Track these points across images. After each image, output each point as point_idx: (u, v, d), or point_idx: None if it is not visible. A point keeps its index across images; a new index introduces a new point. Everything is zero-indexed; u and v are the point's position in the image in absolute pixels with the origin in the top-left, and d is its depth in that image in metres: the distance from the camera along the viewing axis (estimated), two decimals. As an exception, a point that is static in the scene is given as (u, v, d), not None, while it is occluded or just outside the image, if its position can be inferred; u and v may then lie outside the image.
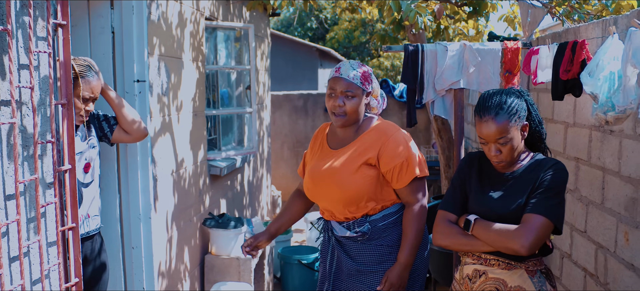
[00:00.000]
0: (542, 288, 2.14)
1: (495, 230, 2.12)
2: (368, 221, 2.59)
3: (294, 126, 9.65)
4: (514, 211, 2.13)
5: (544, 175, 2.12)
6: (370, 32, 26.41)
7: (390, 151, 2.52)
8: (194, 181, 4.30)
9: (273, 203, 7.57)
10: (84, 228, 2.74)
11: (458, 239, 2.24)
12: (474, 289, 2.23)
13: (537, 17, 4.53)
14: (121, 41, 3.34)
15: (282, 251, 5.41)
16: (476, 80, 3.53)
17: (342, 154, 2.61)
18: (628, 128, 2.76)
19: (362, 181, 2.53)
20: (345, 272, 2.65)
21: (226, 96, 5.63)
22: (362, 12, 8.26)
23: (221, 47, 5.47)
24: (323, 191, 2.65)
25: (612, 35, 2.33)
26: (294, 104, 9.62)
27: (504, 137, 2.12)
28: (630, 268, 2.72)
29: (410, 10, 3.77)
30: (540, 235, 2.04)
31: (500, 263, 2.17)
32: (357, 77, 2.55)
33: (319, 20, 26.40)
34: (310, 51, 18.93)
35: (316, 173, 2.67)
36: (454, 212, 2.30)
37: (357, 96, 2.55)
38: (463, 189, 2.33)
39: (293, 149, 9.66)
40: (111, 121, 2.95)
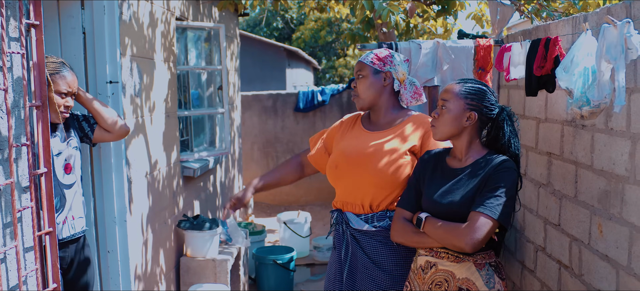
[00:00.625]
0: (490, 280, 2.20)
1: (442, 228, 2.20)
2: (388, 217, 2.53)
3: (263, 126, 9.62)
4: (459, 204, 2.20)
5: (492, 172, 2.19)
6: (336, 32, 26.50)
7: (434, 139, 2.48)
8: (167, 183, 4.25)
9: (245, 203, 7.53)
10: (69, 230, 2.70)
11: (411, 236, 2.32)
12: (426, 279, 2.31)
13: (506, 15, 4.61)
14: (93, 42, 3.28)
15: (256, 252, 5.39)
16: (450, 77, 3.57)
17: (384, 136, 2.56)
18: (600, 122, 2.82)
19: (401, 166, 2.49)
20: (360, 269, 2.56)
21: (196, 97, 5.58)
22: (331, 11, 8.27)
23: (191, 47, 5.42)
24: (355, 173, 2.55)
25: (585, 32, 2.39)
26: (264, 104, 9.59)
27: (444, 102, 2.25)
28: (604, 258, 2.78)
29: (383, 8, 3.79)
30: (484, 233, 2.11)
31: (449, 255, 2.25)
32: (368, 56, 2.57)
33: (285, 20, 26.36)
34: (278, 51, 18.90)
35: (353, 151, 2.59)
36: (409, 209, 2.38)
37: (365, 75, 2.55)
38: (417, 187, 2.40)
39: (263, 150, 9.63)
40: (91, 120, 2.92)
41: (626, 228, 2.60)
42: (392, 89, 2.60)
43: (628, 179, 2.59)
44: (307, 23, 25.85)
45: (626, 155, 2.61)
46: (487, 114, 2.26)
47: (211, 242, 4.31)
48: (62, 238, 2.65)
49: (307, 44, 25.99)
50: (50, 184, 2.18)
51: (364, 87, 2.55)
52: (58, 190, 2.64)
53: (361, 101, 2.58)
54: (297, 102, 9.52)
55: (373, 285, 2.54)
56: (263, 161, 9.65)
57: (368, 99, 2.57)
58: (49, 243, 2.19)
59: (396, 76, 2.60)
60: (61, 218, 2.66)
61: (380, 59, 2.57)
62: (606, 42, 2.20)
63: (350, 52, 25.17)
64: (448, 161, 2.38)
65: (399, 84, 2.60)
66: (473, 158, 2.30)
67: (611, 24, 2.16)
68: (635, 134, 2.53)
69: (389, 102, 2.60)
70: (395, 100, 2.62)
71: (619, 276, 2.67)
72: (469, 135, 2.28)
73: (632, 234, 2.56)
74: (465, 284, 2.21)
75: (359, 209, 2.58)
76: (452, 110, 2.24)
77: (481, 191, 2.18)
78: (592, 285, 2.92)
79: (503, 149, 2.29)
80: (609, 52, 2.17)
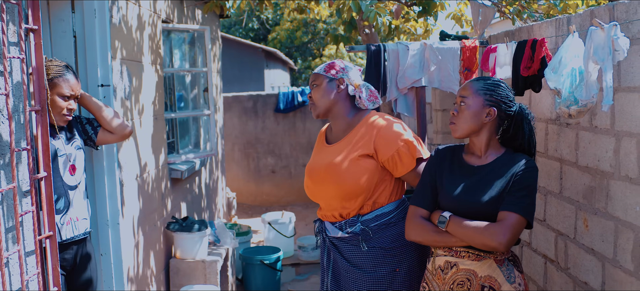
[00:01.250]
0: (511, 275, 2.22)
1: (471, 228, 2.17)
2: (360, 221, 2.58)
3: (244, 127, 9.63)
4: (485, 204, 2.20)
5: (517, 173, 2.19)
6: (312, 32, 26.57)
7: (386, 137, 2.52)
8: (156, 185, 4.25)
9: (228, 205, 7.54)
10: (72, 231, 2.72)
11: (431, 235, 2.29)
12: (446, 280, 2.29)
13: (488, 16, 4.71)
14: (84, 45, 3.28)
15: (243, 253, 5.42)
16: (437, 78, 3.65)
17: (338, 148, 2.62)
18: (584, 121, 2.93)
19: (359, 174, 2.52)
20: (343, 272, 2.64)
21: (180, 99, 5.58)
22: (311, 12, 8.32)
23: (175, 49, 5.43)
24: (321, 188, 2.64)
25: (572, 34, 2.48)
26: (244, 105, 9.60)
27: (463, 98, 2.26)
28: (590, 252, 2.89)
29: (370, 11, 3.86)
30: (516, 232, 2.12)
31: (470, 254, 2.23)
32: (322, 67, 2.66)
33: (261, 21, 26.32)
34: (256, 51, 18.87)
35: (313, 168, 2.69)
36: (426, 207, 2.35)
37: (319, 84, 2.62)
38: (433, 184, 2.37)
39: (243, 151, 9.65)
40: (94, 123, 2.97)
41: (612, 222, 2.70)
42: (347, 94, 2.66)
43: (613, 175, 2.69)
44: (282, 23, 25.86)
45: (611, 152, 2.71)
46: (506, 110, 2.26)
47: (200, 243, 4.32)
48: (66, 239, 2.68)
49: (283, 44, 26.00)
50: (50, 188, 2.19)
51: (319, 95, 2.63)
52: (62, 191, 2.67)
53: (317, 109, 2.65)
54: (278, 103, 9.55)
55: (355, 286, 2.61)
56: (244, 162, 9.67)
57: (323, 106, 2.64)
58: (49, 246, 2.21)
59: (349, 82, 2.66)
60: (65, 219, 2.68)
61: (333, 67, 2.66)
62: (593, 44, 2.30)
63: (326, 52, 25.25)
64: (465, 157, 2.37)
65: (354, 88, 2.66)
66: (493, 156, 2.30)
67: (598, 27, 2.25)
68: (619, 131, 2.64)
69: (345, 108, 2.66)
70: (350, 104, 2.68)
71: (604, 269, 2.77)
72: (489, 132, 2.28)
73: (617, 228, 2.67)
74: (488, 281, 2.20)
75: (332, 218, 2.67)
76: (472, 106, 2.24)
77: (509, 190, 2.18)
78: (578, 277, 3.02)
79: (519, 147, 2.30)
80: (596, 53, 2.27)
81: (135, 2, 3.93)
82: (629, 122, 2.56)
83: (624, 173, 2.60)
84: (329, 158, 2.62)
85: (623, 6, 2.56)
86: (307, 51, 27.61)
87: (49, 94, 2.61)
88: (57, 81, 2.67)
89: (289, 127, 9.56)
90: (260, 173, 9.67)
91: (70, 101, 2.73)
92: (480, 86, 2.26)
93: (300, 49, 27.50)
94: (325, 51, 25.47)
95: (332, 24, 25.81)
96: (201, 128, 5.87)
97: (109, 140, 3.02)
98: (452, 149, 2.43)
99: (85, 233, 2.82)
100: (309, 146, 9.48)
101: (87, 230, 2.84)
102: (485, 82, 2.28)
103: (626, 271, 2.58)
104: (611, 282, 2.71)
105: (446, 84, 3.65)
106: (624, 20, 2.52)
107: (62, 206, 2.67)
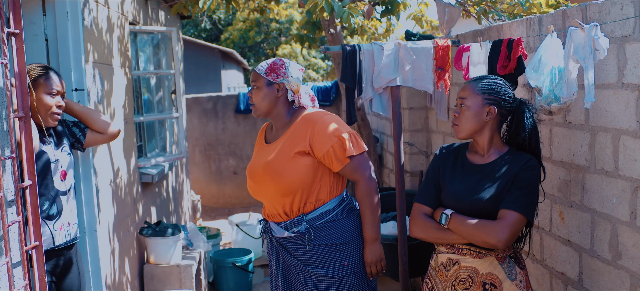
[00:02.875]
0: (512, 271, 2.28)
1: (472, 225, 2.22)
2: (305, 221, 2.61)
3: (204, 129, 9.53)
4: (486, 202, 2.25)
5: (519, 171, 2.25)
6: (265, 32, 26.47)
7: (320, 134, 2.57)
8: (129, 190, 4.18)
9: (193, 207, 7.46)
10: (64, 236, 2.69)
11: (433, 232, 2.34)
12: (448, 277, 2.33)
13: (453, 15, 4.82)
14: (56, 48, 3.20)
15: (214, 255, 5.37)
16: (411, 77, 3.71)
17: (275, 146, 2.66)
18: (558, 117, 3.04)
19: (296, 170, 2.57)
20: (292, 270, 2.68)
21: (146, 102, 5.49)
22: (271, 13, 8.32)
23: (140, 52, 5.33)
24: (261, 187, 2.68)
25: (551, 34, 2.57)
26: (204, 107, 9.50)
27: (463, 99, 2.31)
28: (567, 243, 3.00)
29: (343, 11, 3.89)
30: (515, 230, 2.18)
31: (472, 252, 2.28)
32: (263, 67, 2.66)
33: (213, 21, 26.07)
34: (212, 52, 18.65)
35: (252, 169, 2.72)
36: (429, 205, 2.40)
37: (259, 86, 2.64)
38: (437, 182, 2.42)
39: (204, 153, 9.55)
40: (82, 125, 2.94)
41: (588, 214, 2.82)
42: (286, 99, 2.70)
43: (588, 169, 2.80)
44: (235, 24, 25.69)
45: (586, 146, 2.82)
46: (506, 106, 2.32)
47: (174, 248, 4.27)
48: (58, 245, 2.65)
49: (236, 44, 25.82)
50: (35, 197, 2.14)
51: (258, 98, 2.66)
52: (55, 197, 2.64)
53: (256, 110, 2.70)
54: (238, 104, 9.49)
55: (306, 283, 2.66)
56: (205, 164, 9.57)
57: (262, 109, 2.68)
58: (35, 256, 2.16)
59: (289, 87, 2.69)
60: (58, 225, 2.65)
61: (274, 70, 2.66)
62: (573, 44, 2.39)
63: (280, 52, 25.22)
64: (469, 156, 2.41)
65: (293, 94, 2.70)
66: (496, 154, 2.35)
67: (578, 27, 2.35)
68: (594, 127, 2.75)
69: (284, 110, 2.71)
70: (289, 106, 2.72)
71: (582, 259, 2.89)
72: (491, 130, 2.33)
73: (593, 220, 2.78)
74: (489, 278, 2.25)
75: (278, 218, 2.70)
76: (472, 107, 2.29)
77: (509, 189, 2.23)
78: (554, 268, 3.13)
79: (523, 143, 2.34)
80: (577, 52, 2.36)
81: (104, 3, 3.85)
82: (603, 118, 2.67)
83: (600, 167, 2.71)
84: (266, 156, 2.67)
85: (596, 7, 2.67)
86: (260, 51, 27.48)
87: (35, 96, 2.56)
88: (41, 80, 2.63)
89: (250, 128, 9.51)
90: (221, 174, 9.60)
91: (57, 97, 2.68)
92: (478, 86, 2.32)
93: (253, 49, 27.36)
94: (278, 51, 25.43)
95: (285, 24, 25.80)
96: (167, 131, 5.79)
97: (98, 141, 3.01)
98: (456, 148, 2.49)
99: (76, 238, 2.79)
100: (270, 147, 9.47)
101: (77, 235, 2.82)
102: (483, 81, 2.33)
103: (604, 261, 2.70)
104: (589, 271, 2.83)
105: (420, 83, 3.71)
106: (597, 21, 2.63)
107: (56, 212, 2.65)
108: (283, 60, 2.71)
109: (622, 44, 2.51)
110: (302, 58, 24.96)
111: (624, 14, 2.49)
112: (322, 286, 2.64)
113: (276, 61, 2.68)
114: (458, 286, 2.30)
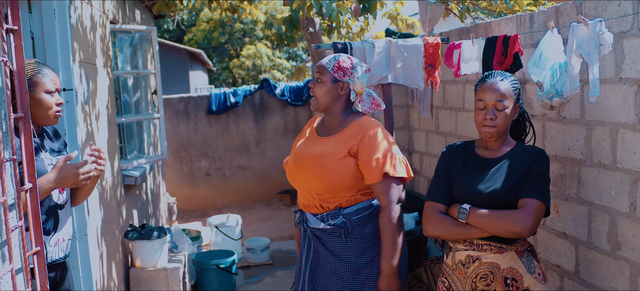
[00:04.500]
0: (531, 265, 2.31)
1: (494, 216, 2.21)
2: (342, 214, 2.62)
3: (175, 130, 9.38)
4: (503, 193, 2.26)
5: (533, 162, 2.28)
6: (229, 33, 26.27)
7: (369, 143, 2.56)
8: (113, 193, 4.08)
9: (169, 210, 7.34)
10: (59, 252, 2.49)
11: (451, 229, 2.32)
12: (468, 274, 2.33)
13: (436, 13, 4.85)
14: (43, 47, 3.10)
15: (196, 258, 5.29)
16: (402, 74, 3.72)
17: (329, 142, 2.65)
18: (551, 112, 3.09)
19: (343, 171, 2.58)
20: (322, 263, 2.67)
21: (124, 103, 5.38)
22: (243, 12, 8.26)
23: (119, 52, 5.22)
24: (304, 176, 2.67)
25: (551, 30, 2.60)
26: (175, 108, 9.35)
27: (502, 102, 2.28)
28: (562, 236, 3.05)
29: (332, 9, 3.88)
30: (538, 217, 2.20)
31: (492, 247, 2.28)
32: (331, 63, 2.63)
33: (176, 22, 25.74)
34: (180, 53, 18.39)
35: (300, 155, 2.70)
36: (443, 202, 2.39)
37: (324, 81, 2.62)
38: (448, 179, 2.42)
39: (176, 154, 9.40)
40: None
41: (585, 206, 2.87)
42: (346, 99, 2.70)
43: (585, 163, 2.86)
44: (199, 24, 25.42)
45: (581, 140, 2.87)
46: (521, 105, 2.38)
47: (161, 251, 4.19)
48: (53, 260, 2.45)
49: (200, 45, 25.55)
50: (36, 201, 2.06)
51: (321, 92, 2.65)
52: (52, 211, 2.44)
53: (316, 104, 2.68)
54: (210, 105, 9.38)
55: (334, 277, 2.65)
56: (177, 166, 9.42)
57: (323, 103, 2.67)
58: (37, 263, 2.08)
59: (353, 88, 2.68)
60: (54, 240, 2.45)
61: (342, 68, 2.64)
62: (577, 39, 2.43)
63: (244, 52, 25.06)
64: (478, 151, 2.43)
65: (356, 95, 2.69)
66: (506, 148, 2.38)
67: (582, 23, 2.39)
68: (590, 121, 2.81)
69: (342, 107, 2.70)
70: (348, 105, 2.72)
71: (578, 251, 2.94)
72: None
73: (591, 212, 2.83)
74: (511, 273, 2.27)
75: (314, 209, 2.70)
76: (509, 108, 2.31)
77: (526, 179, 2.26)
78: (549, 261, 3.18)
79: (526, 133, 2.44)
80: (580, 47, 2.40)
81: (88, 1, 3.75)
82: (600, 112, 2.73)
83: (597, 160, 2.76)
84: (318, 149, 2.66)
85: (592, 3, 2.72)
86: (224, 52, 27.26)
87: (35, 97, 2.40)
88: (37, 78, 2.41)
89: (222, 129, 9.41)
90: (194, 176, 9.47)
91: (56, 94, 2.48)
92: (510, 87, 2.32)
93: (217, 49, 27.11)
94: (243, 51, 25.27)
95: (249, 24, 25.65)
96: (145, 133, 5.68)
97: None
98: (464, 145, 2.51)
99: (69, 254, 2.62)
100: (242, 147, 9.38)
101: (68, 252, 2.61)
102: (510, 82, 2.34)
103: (602, 252, 2.75)
104: (586, 263, 2.88)
105: (411, 81, 3.73)
106: (593, 17, 2.68)
107: (52, 227, 2.44)
108: (352, 59, 2.67)
109: (620, 40, 2.57)
110: (266, 59, 24.88)
111: (622, 10, 2.54)
112: (350, 280, 2.62)
113: (345, 58, 2.65)
114: (479, 283, 2.30)
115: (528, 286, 2.28)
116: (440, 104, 4.62)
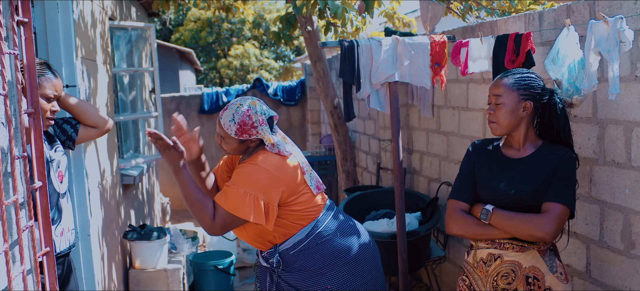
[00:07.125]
0: (553, 265, 2.28)
1: (517, 219, 2.19)
2: (278, 252, 2.53)
3: (167, 130, 9.27)
4: (528, 195, 2.23)
5: (558, 164, 2.24)
6: (216, 32, 26.14)
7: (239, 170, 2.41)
8: (113, 193, 4.00)
9: (163, 210, 7.25)
10: (65, 243, 2.48)
11: (474, 229, 2.30)
12: (490, 272, 2.30)
13: (437, 12, 4.83)
14: (45, 43, 3.03)
15: (194, 258, 5.22)
16: (408, 73, 3.69)
17: None
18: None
19: (250, 227, 2.49)
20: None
21: (121, 101, 5.30)
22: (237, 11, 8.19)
23: (116, 50, 5.14)
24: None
25: (568, 27, 2.58)
26: (167, 107, 9.27)
27: (499, 97, 2.28)
28: (572, 235, 3.03)
29: (338, 7, 3.84)
30: (561, 222, 2.18)
31: (514, 246, 2.26)
32: (232, 128, 2.45)
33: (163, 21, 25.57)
34: (170, 52, 18.22)
35: None
36: (466, 201, 2.36)
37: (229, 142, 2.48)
38: (472, 178, 2.39)
39: (167, 154, 9.29)
40: (72, 121, 2.71)
41: (596, 205, 2.85)
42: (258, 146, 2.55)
43: (597, 161, 2.84)
44: (186, 24, 25.28)
45: (594, 139, 2.86)
46: (540, 100, 2.31)
47: (161, 252, 4.12)
48: (59, 252, 2.44)
49: (187, 44, 25.40)
50: (46, 199, 2.00)
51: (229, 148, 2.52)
52: (55, 201, 2.44)
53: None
54: (202, 104, 9.32)
55: None
56: (167, 166, 9.32)
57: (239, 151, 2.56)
58: (46, 263, 2.02)
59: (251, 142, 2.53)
60: (59, 231, 2.45)
61: (241, 127, 2.45)
62: (595, 37, 2.41)
63: (232, 52, 24.95)
64: (503, 151, 2.39)
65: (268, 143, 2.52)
66: (532, 148, 2.34)
67: (602, 20, 2.37)
68: (603, 119, 2.79)
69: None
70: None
71: (589, 250, 2.93)
72: (526, 125, 2.32)
73: (603, 211, 2.82)
74: (532, 272, 2.24)
75: (259, 246, 2.64)
76: (508, 103, 2.27)
77: (550, 181, 2.22)
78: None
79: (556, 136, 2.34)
80: (599, 45, 2.38)
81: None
82: (614, 111, 2.71)
83: (610, 159, 2.75)
84: None
85: (606, 3, 2.71)
86: (212, 52, 27.11)
87: None
88: (40, 81, 2.37)
89: (214, 128, 9.33)
90: (185, 176, 9.37)
91: (53, 102, 2.47)
92: (512, 82, 2.29)
93: (205, 49, 26.96)
94: (231, 51, 25.17)
95: (237, 24, 25.54)
96: (140, 131, 5.60)
97: (91, 136, 2.78)
98: (489, 143, 2.46)
99: (74, 244, 2.60)
100: (235, 147, 9.32)
101: (75, 241, 2.62)
102: (516, 77, 2.31)
103: (615, 251, 2.74)
104: (598, 262, 2.87)
105: (417, 79, 3.70)
106: (607, 15, 2.66)
107: (57, 217, 2.45)
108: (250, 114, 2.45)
109: (636, 38, 2.55)
110: (255, 58, 24.79)
111: (638, 8, 2.53)
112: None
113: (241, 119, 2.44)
114: (500, 282, 2.27)
115: (550, 285, 2.25)
116: (442, 103, 4.60)
